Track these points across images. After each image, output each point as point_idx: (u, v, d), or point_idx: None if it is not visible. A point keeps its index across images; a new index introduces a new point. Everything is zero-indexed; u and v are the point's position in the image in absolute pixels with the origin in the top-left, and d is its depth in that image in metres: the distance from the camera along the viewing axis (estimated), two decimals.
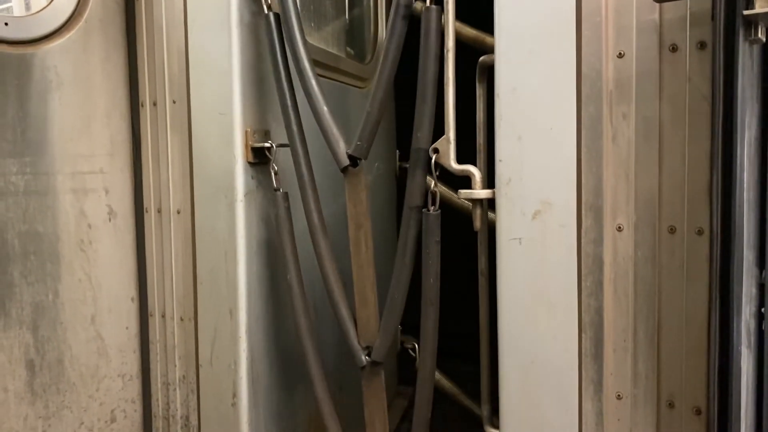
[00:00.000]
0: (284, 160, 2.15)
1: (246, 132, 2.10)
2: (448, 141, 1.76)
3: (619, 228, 1.68)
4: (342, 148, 1.98)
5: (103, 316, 2.27)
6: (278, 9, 2.07)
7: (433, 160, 1.78)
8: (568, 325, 1.67)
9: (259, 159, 2.13)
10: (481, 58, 1.99)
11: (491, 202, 1.80)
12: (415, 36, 1.79)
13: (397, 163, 3.48)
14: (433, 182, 1.78)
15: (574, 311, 1.67)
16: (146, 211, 2.35)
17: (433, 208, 1.81)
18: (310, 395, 2.20)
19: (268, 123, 2.19)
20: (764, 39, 1.35)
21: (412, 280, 1.92)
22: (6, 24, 1.99)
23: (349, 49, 3.07)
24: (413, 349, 3.31)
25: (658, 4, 1.57)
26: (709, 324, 1.40)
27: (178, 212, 2.28)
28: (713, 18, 1.37)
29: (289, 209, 2.11)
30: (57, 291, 2.14)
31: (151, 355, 2.38)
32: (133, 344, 2.37)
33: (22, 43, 2.04)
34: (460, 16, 1.84)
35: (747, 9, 1.29)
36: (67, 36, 2.15)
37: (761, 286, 1.41)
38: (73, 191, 2.18)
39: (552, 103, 1.65)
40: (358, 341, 2.05)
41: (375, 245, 2.08)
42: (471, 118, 2.10)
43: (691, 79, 1.56)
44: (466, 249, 2.32)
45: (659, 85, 1.61)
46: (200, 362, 2.24)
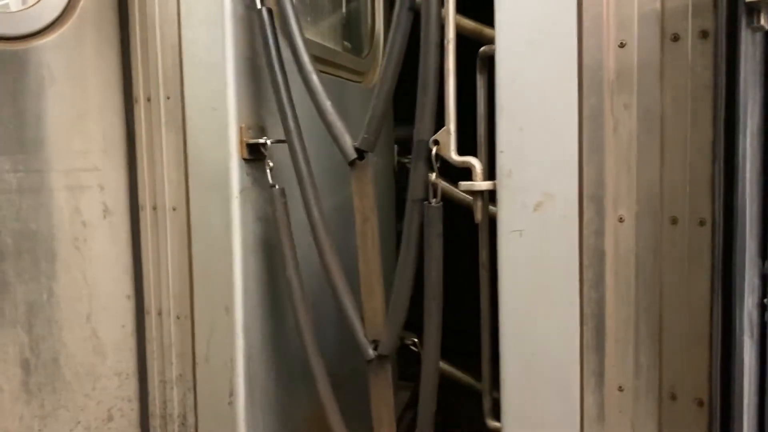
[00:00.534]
0: (280, 156, 2.13)
1: (241, 128, 2.08)
2: (449, 132, 1.75)
3: (621, 219, 1.67)
4: (348, 141, 1.97)
5: (99, 314, 2.25)
6: (272, 4, 2.05)
7: (434, 152, 1.77)
8: (570, 317, 1.66)
9: (254, 155, 2.12)
10: (482, 49, 1.99)
11: (492, 194, 1.79)
12: (414, 28, 1.78)
13: (395, 158, 3.47)
14: (434, 174, 1.77)
15: (575, 303, 1.66)
16: (141, 208, 2.33)
17: (434, 200, 1.80)
18: (308, 392, 2.19)
19: (263, 119, 2.18)
20: (767, 26, 1.35)
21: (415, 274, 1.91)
22: None
23: (346, 42, 3.06)
24: (414, 344, 3.31)
25: None
26: (712, 315, 1.39)
27: (174, 209, 2.26)
28: (715, 5, 1.37)
29: (286, 205, 2.10)
30: (52, 289, 2.12)
31: (148, 354, 2.37)
32: (130, 342, 2.35)
33: (14, 39, 2.02)
34: (459, 9, 1.83)
35: None
36: (59, 31, 2.13)
37: (764, 277, 1.40)
38: (68, 188, 2.16)
39: (553, 93, 1.64)
40: (365, 335, 2.05)
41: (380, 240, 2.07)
42: (472, 110, 2.09)
43: (693, 69, 1.55)
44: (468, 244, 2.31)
45: (661, 75, 1.60)
46: (197, 360, 2.23)
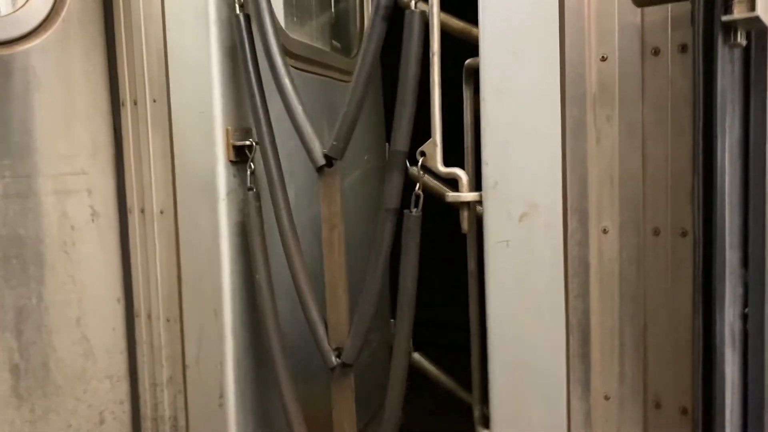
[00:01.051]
0: None
1: (227, 130, 2.08)
2: (435, 144, 1.76)
3: (605, 230, 1.69)
4: (317, 147, 1.96)
5: (89, 317, 2.25)
6: (249, 8, 2.04)
7: (420, 163, 1.78)
8: (556, 327, 1.69)
9: (240, 157, 2.12)
10: (467, 61, 2.00)
11: (480, 204, 1.80)
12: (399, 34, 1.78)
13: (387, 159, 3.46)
14: (418, 185, 1.78)
15: (561, 313, 1.69)
16: (129, 212, 2.33)
17: (415, 210, 1.81)
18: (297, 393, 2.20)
19: (249, 121, 2.17)
20: (744, 43, 1.36)
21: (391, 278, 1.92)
22: None
23: (334, 42, 3.05)
24: None
25: (639, 8, 1.57)
26: (693, 326, 1.42)
27: (162, 212, 2.26)
28: (693, 23, 1.38)
29: (260, 209, 2.10)
30: (41, 294, 2.13)
31: (138, 356, 2.38)
32: (120, 345, 2.36)
33: None
34: (446, 7, 1.82)
35: (725, 14, 1.29)
36: (44, 36, 2.11)
37: (746, 286, 1.43)
38: (55, 193, 2.15)
39: (536, 105, 1.65)
40: (329, 342, 2.05)
41: (363, 241, 2.07)
42: (460, 120, 2.10)
43: (673, 82, 1.57)
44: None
45: (642, 88, 1.62)
46: (187, 363, 2.24)
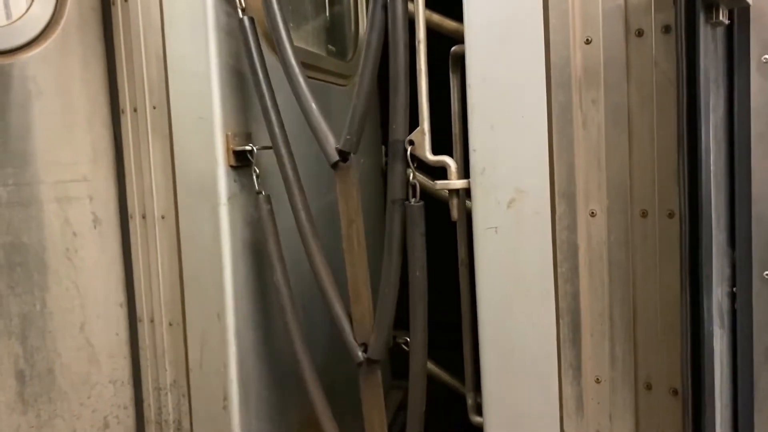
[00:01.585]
0: (267, 162, 2.15)
1: (227, 136, 2.10)
2: (423, 132, 1.76)
3: (592, 213, 1.69)
4: (331, 143, 1.97)
5: (92, 323, 2.27)
6: (253, 13, 2.06)
7: (409, 152, 1.78)
8: (546, 312, 1.68)
9: (241, 162, 2.14)
10: (453, 48, 2.00)
11: (469, 191, 1.80)
12: None
13: (384, 159, 3.48)
14: (411, 174, 1.78)
15: (551, 298, 1.68)
16: (131, 218, 2.36)
17: (414, 199, 1.81)
18: (301, 395, 2.20)
19: (249, 125, 2.20)
20: (727, 21, 1.36)
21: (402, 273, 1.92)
22: None
23: (330, 46, 3.08)
24: (406, 343, 3.31)
25: None
26: (681, 306, 1.41)
27: (163, 217, 2.28)
28: (674, 2, 1.38)
29: (272, 211, 2.11)
30: (45, 300, 2.15)
31: (142, 361, 2.39)
32: (124, 350, 2.38)
33: None
34: (445, 10, 1.83)
35: None
36: (44, 45, 2.15)
37: (734, 266, 1.42)
38: (57, 200, 2.18)
39: (522, 91, 1.66)
40: (354, 338, 2.05)
41: (369, 239, 2.08)
42: (448, 109, 2.10)
43: (657, 63, 1.57)
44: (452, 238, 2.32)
45: (627, 70, 1.62)
46: (190, 366, 2.25)
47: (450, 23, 2.82)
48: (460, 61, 1.86)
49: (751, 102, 1.43)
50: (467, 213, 1.90)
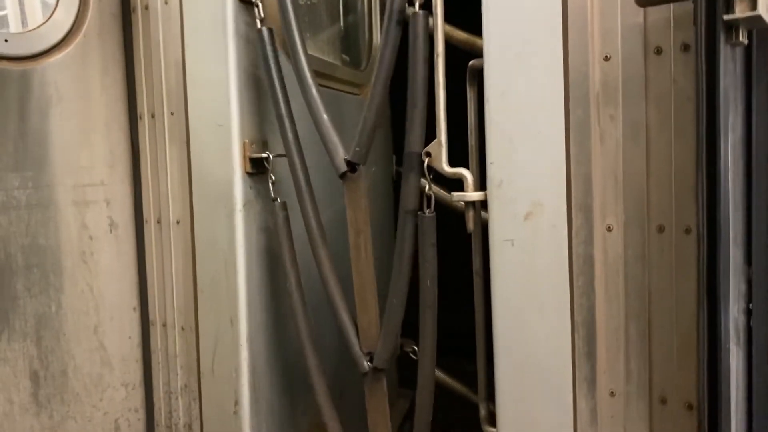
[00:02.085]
0: (282, 170, 2.17)
1: (244, 143, 2.12)
2: (440, 144, 1.78)
3: (609, 228, 1.70)
4: (340, 154, 1.98)
5: (106, 326, 2.29)
6: (272, 23, 2.09)
7: (426, 164, 1.80)
8: (561, 325, 1.69)
9: (257, 169, 2.15)
10: (471, 62, 2.02)
11: (485, 204, 1.81)
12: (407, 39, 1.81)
13: (394, 168, 3.50)
14: (427, 185, 1.80)
15: (566, 311, 1.68)
16: (146, 222, 2.38)
17: (428, 210, 1.82)
18: (311, 402, 2.21)
19: (265, 133, 2.21)
20: (746, 42, 1.38)
21: (412, 281, 1.93)
22: (6, 41, 2.03)
23: (344, 56, 3.10)
24: (413, 352, 3.31)
25: (642, 8, 1.59)
26: (698, 321, 1.42)
27: (178, 222, 2.30)
28: (695, 22, 1.39)
29: (287, 218, 2.13)
30: (60, 302, 2.17)
31: (153, 365, 2.41)
32: (136, 354, 2.40)
33: (22, 59, 2.07)
34: (450, 20, 1.86)
35: (727, 13, 1.31)
36: (66, 51, 2.18)
37: (750, 282, 1.43)
38: (75, 203, 2.21)
39: (540, 106, 1.67)
40: (360, 347, 2.06)
41: (374, 250, 2.09)
42: (464, 120, 2.12)
43: (676, 81, 1.58)
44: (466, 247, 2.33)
45: (645, 87, 1.63)
46: (202, 371, 2.26)
47: (460, 34, 2.84)
48: (477, 74, 1.88)
49: None
50: (482, 224, 1.92)
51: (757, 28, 1.41)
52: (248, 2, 2.11)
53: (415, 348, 3.34)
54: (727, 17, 1.32)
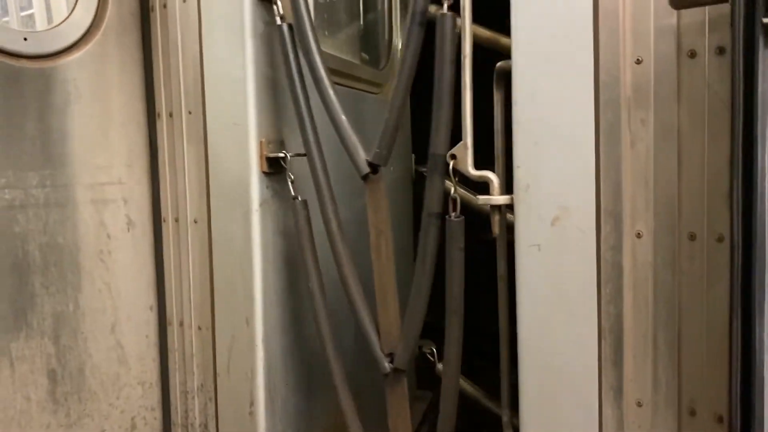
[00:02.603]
0: (299, 169, 2.16)
1: (261, 142, 2.11)
2: (466, 147, 1.75)
3: (639, 234, 1.67)
4: (362, 155, 1.97)
5: (123, 324, 2.29)
6: (291, 20, 2.08)
7: (451, 166, 1.78)
8: (588, 332, 1.66)
9: (274, 169, 2.14)
10: (498, 64, 1.99)
11: (511, 207, 1.79)
12: (430, 39, 1.79)
13: (413, 167, 3.48)
14: (453, 188, 1.77)
15: (593, 318, 1.66)
16: (164, 221, 2.37)
17: (454, 214, 1.80)
18: (328, 403, 2.20)
19: (282, 133, 2.20)
20: None
21: (433, 282, 1.91)
22: (25, 39, 2.02)
23: (363, 54, 3.08)
24: (431, 353, 3.31)
25: (676, 10, 1.56)
26: (731, 332, 1.39)
27: (195, 222, 2.30)
28: (732, 25, 1.36)
29: (308, 217, 2.12)
30: (77, 301, 2.17)
31: (170, 364, 2.41)
32: (152, 352, 2.39)
33: (41, 57, 2.07)
34: (473, 17, 1.83)
35: (766, 16, 1.28)
36: (84, 49, 2.18)
37: None
38: (93, 202, 2.20)
39: (569, 109, 1.64)
40: (381, 348, 2.05)
41: (397, 250, 2.08)
42: (491, 123, 2.10)
43: (710, 85, 1.55)
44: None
45: (678, 91, 1.60)
46: (218, 371, 2.26)
47: (484, 32, 2.81)
48: (504, 76, 1.86)
49: None
50: (507, 228, 1.90)
51: None
52: (266, 0, 2.10)
53: (433, 349, 3.35)
54: (766, 20, 1.29)
